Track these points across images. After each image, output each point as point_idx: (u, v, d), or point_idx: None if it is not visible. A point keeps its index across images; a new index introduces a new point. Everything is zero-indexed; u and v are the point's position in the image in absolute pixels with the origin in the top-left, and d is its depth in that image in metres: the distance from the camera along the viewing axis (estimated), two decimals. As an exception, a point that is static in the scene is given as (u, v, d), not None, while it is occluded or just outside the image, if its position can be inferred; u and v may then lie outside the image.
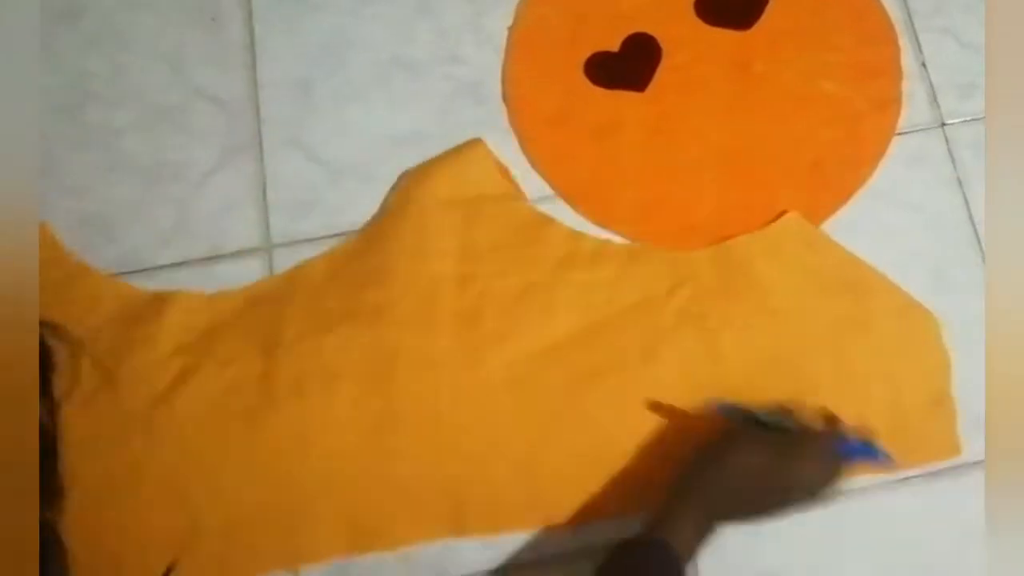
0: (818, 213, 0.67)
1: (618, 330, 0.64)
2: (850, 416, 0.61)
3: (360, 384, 0.62)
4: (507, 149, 0.69)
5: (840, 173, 0.69)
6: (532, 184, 0.69)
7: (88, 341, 0.62)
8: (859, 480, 0.61)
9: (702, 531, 0.53)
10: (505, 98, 0.70)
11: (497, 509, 0.60)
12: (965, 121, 0.70)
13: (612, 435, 0.62)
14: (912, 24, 0.72)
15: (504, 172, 0.68)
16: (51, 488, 0.44)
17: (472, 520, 0.60)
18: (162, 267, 0.66)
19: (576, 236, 0.66)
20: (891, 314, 0.65)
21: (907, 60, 0.71)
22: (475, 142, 0.68)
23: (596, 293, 0.65)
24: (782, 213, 0.67)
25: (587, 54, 0.71)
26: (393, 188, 0.68)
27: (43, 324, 0.40)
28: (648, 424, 0.62)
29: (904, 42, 0.72)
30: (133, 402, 0.61)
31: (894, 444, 0.60)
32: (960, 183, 0.69)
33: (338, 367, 0.62)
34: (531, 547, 0.60)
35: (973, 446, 0.62)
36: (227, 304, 0.65)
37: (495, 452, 0.61)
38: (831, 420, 0.59)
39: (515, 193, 0.67)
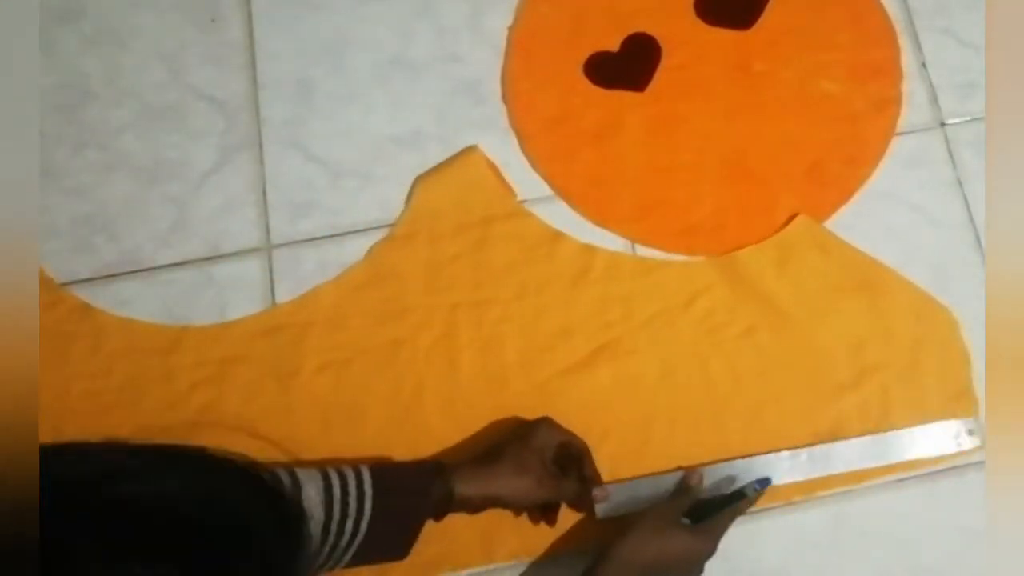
0: (818, 213, 0.67)
1: (636, 347, 0.64)
2: (873, 417, 0.62)
3: (385, 417, 0.62)
4: (507, 149, 0.69)
5: (840, 173, 0.69)
6: (532, 184, 0.69)
7: (102, 375, 0.63)
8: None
9: None
10: (505, 98, 0.70)
11: (527, 534, 0.60)
12: (965, 121, 0.70)
13: (638, 453, 0.62)
14: (912, 24, 0.72)
15: (499, 176, 0.68)
16: None
17: (502, 546, 0.60)
18: (161, 267, 0.66)
19: (588, 250, 0.66)
20: (908, 313, 0.65)
21: (907, 60, 0.71)
22: (473, 155, 0.68)
23: (612, 309, 0.65)
24: (792, 217, 0.67)
25: (587, 54, 0.71)
26: (399, 216, 0.68)
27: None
28: (672, 441, 0.62)
29: (904, 42, 0.72)
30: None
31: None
32: (960, 183, 0.69)
33: (362, 401, 0.63)
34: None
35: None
36: (239, 334, 0.64)
37: None
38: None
39: (519, 209, 0.67)
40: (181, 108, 0.70)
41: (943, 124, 0.70)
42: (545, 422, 0.58)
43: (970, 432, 0.62)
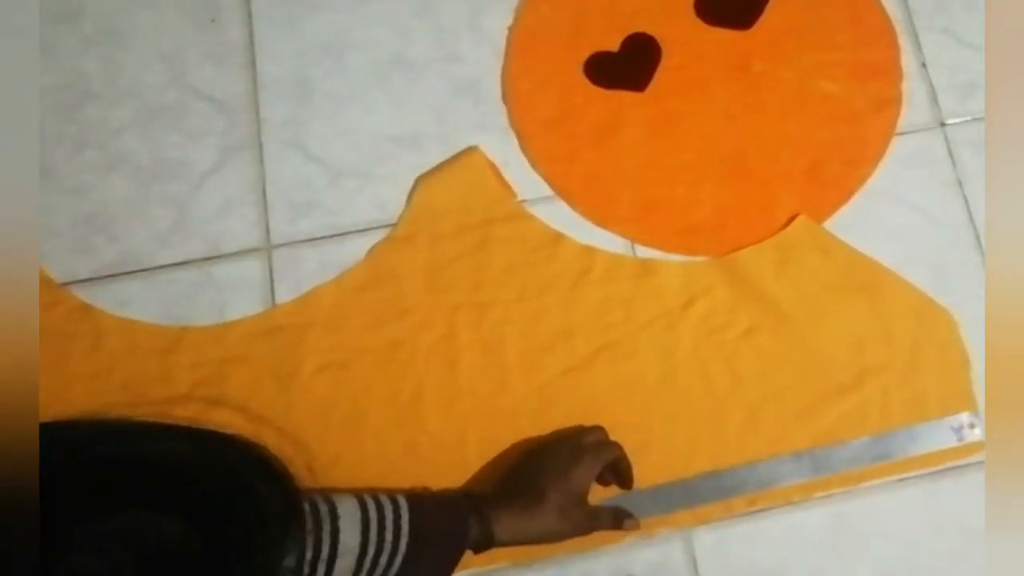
0: (818, 213, 0.67)
1: (636, 349, 0.64)
2: (873, 418, 0.62)
3: (385, 418, 0.62)
4: (507, 149, 0.69)
5: (840, 173, 0.69)
6: (532, 184, 0.69)
7: (102, 375, 0.63)
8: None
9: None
10: (505, 98, 0.70)
11: None
12: (965, 121, 0.70)
13: (638, 454, 0.61)
14: (912, 24, 0.72)
15: (499, 176, 0.68)
16: None
17: (501, 551, 0.59)
18: (161, 267, 0.66)
19: (588, 252, 0.66)
20: (908, 314, 0.65)
21: (907, 60, 0.71)
22: (474, 156, 0.68)
23: (612, 311, 0.65)
24: (792, 218, 0.67)
25: (587, 54, 0.71)
26: (400, 217, 0.68)
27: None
28: (672, 442, 0.62)
29: (904, 42, 0.72)
30: None
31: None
32: (960, 183, 0.69)
33: (362, 401, 0.63)
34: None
35: (973, 446, 0.63)
36: (238, 334, 0.64)
37: None
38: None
39: (520, 210, 0.67)
40: (181, 108, 0.70)
41: (943, 124, 0.70)
42: (587, 457, 0.57)
43: (972, 426, 0.62)
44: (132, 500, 0.33)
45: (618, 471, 0.59)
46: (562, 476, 0.55)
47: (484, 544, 0.54)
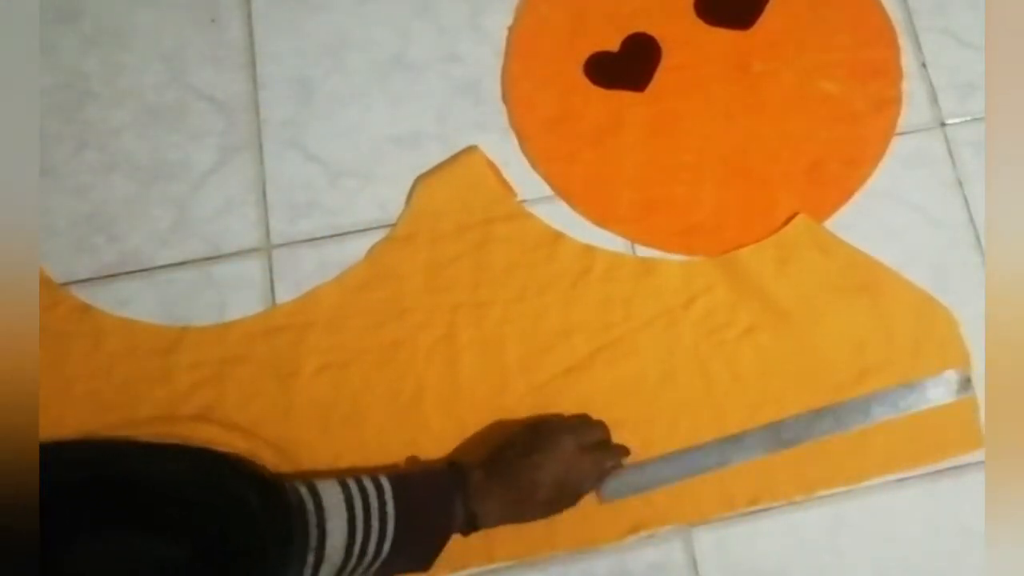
0: (818, 213, 0.67)
1: (636, 348, 0.64)
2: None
3: (385, 418, 0.62)
4: (507, 149, 0.69)
5: (840, 173, 0.69)
6: (532, 184, 0.69)
7: (102, 375, 0.63)
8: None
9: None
10: (505, 98, 0.70)
11: (524, 536, 0.59)
12: (965, 121, 0.70)
13: (638, 454, 0.61)
14: (912, 24, 0.72)
15: (499, 176, 0.68)
16: None
17: (500, 548, 0.60)
18: (161, 267, 0.66)
19: (588, 251, 0.66)
20: (909, 312, 0.65)
21: (907, 60, 0.71)
22: (473, 155, 0.68)
23: (613, 311, 0.65)
24: (792, 216, 0.67)
25: (587, 54, 0.71)
26: (400, 216, 0.68)
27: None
28: (673, 442, 0.62)
29: (904, 42, 0.72)
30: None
31: (917, 441, 0.62)
32: (960, 183, 0.69)
33: (362, 401, 0.63)
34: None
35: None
36: (239, 335, 0.64)
37: None
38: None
39: (520, 210, 0.67)
40: (181, 108, 0.70)
41: (943, 124, 0.70)
42: (589, 467, 0.57)
43: (968, 380, 0.63)
44: (126, 521, 0.33)
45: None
46: (559, 478, 0.56)
47: (470, 528, 0.54)
